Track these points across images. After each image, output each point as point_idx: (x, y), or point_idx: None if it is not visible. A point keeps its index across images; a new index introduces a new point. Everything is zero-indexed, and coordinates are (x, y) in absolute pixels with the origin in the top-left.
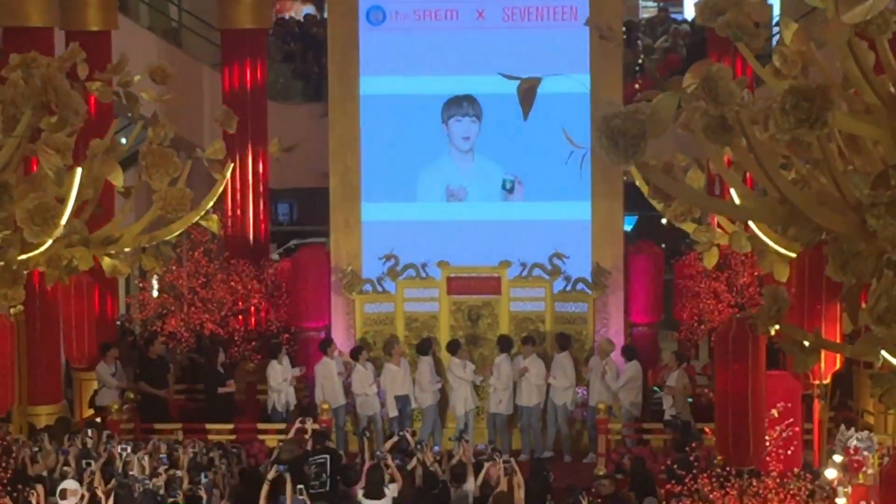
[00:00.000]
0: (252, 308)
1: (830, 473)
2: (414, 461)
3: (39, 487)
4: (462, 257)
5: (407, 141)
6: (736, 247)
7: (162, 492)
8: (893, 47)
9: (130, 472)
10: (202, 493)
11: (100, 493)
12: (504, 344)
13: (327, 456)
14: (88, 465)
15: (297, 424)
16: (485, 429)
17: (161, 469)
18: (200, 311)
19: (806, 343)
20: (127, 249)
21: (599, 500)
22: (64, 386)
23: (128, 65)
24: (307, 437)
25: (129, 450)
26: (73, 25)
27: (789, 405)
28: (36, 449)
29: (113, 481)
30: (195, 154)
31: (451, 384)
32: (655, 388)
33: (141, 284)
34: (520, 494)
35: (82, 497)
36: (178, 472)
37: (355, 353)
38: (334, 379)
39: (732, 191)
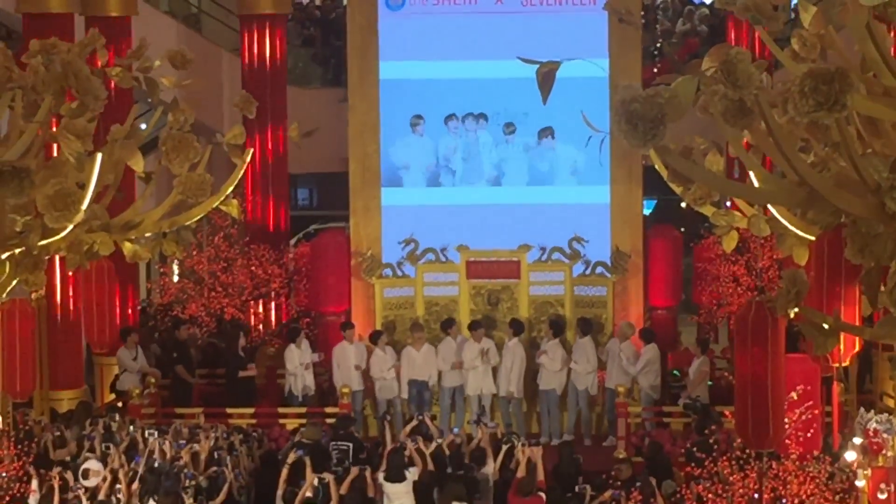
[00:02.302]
0: (272, 299)
1: (850, 456)
2: (433, 446)
3: (68, 474)
4: (482, 241)
5: (427, 125)
6: (755, 230)
7: (185, 472)
8: None
9: (154, 457)
10: (228, 473)
11: (121, 475)
12: (516, 328)
13: (350, 444)
14: (108, 448)
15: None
16: (508, 411)
17: (182, 452)
18: (221, 295)
19: (825, 326)
20: (147, 234)
21: (619, 484)
22: (85, 371)
23: (147, 50)
24: (329, 421)
25: (155, 434)
26: (92, 11)
27: (809, 388)
28: (58, 433)
29: (135, 464)
30: (215, 139)
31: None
32: (675, 372)
33: (161, 269)
34: (539, 475)
35: (104, 478)
36: (196, 446)
37: (374, 338)
38: (352, 363)
39: (751, 174)
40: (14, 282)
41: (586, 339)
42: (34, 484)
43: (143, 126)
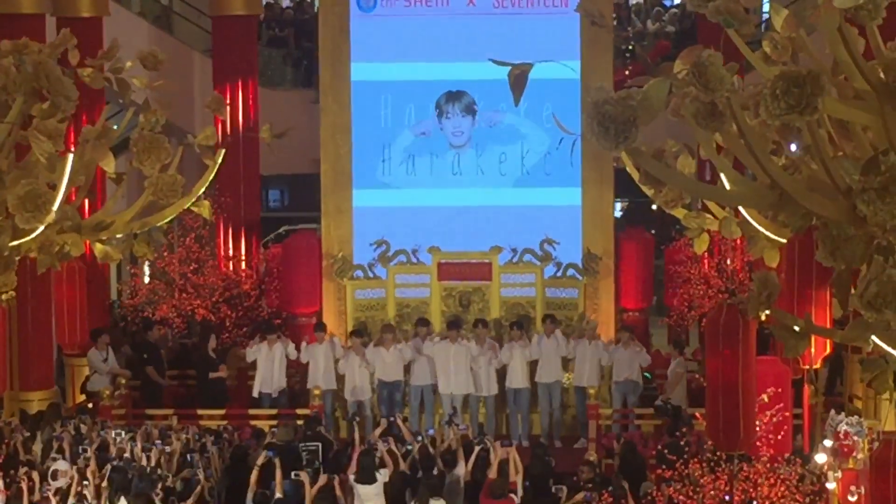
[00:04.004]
0: (243, 300)
1: (820, 458)
2: (406, 449)
3: (35, 474)
4: (453, 243)
5: (398, 127)
6: (726, 232)
7: (158, 473)
8: (883, 33)
9: (125, 455)
10: (200, 475)
11: (89, 474)
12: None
13: (319, 444)
14: (85, 450)
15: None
16: (478, 412)
17: (153, 453)
18: (192, 296)
19: (796, 328)
20: (119, 235)
21: (590, 486)
22: (56, 372)
23: (119, 51)
24: (299, 422)
25: (122, 434)
26: (64, 12)
27: (780, 390)
28: (27, 434)
29: (107, 466)
30: (186, 140)
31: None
32: (646, 374)
33: (132, 271)
34: (518, 479)
35: (72, 478)
36: (168, 448)
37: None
38: (320, 364)
39: (723, 176)
40: None
41: (553, 334)
42: (0, 484)
43: (115, 127)
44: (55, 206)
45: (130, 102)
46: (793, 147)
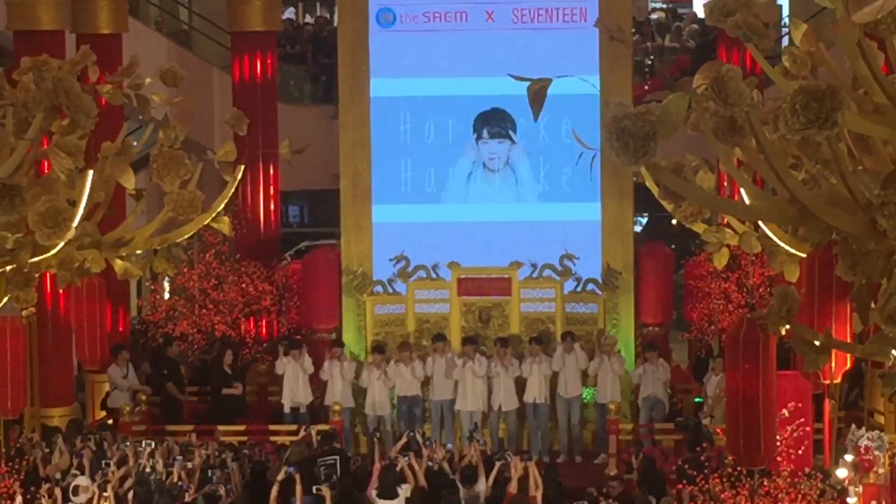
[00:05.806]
0: (263, 317)
1: (841, 473)
2: (423, 461)
3: (57, 490)
4: (473, 258)
5: (418, 142)
6: (746, 247)
7: (179, 488)
8: None
9: (147, 471)
10: (221, 490)
11: (110, 490)
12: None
13: (337, 457)
14: (108, 465)
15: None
16: (498, 427)
17: (175, 467)
18: (212, 312)
19: (816, 343)
20: (138, 252)
21: (611, 501)
22: (76, 388)
23: (138, 67)
24: (316, 438)
25: (152, 445)
26: (83, 28)
27: (800, 405)
28: (47, 450)
29: (129, 478)
30: (206, 156)
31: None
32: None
33: (152, 287)
34: (538, 494)
35: (93, 493)
36: (190, 464)
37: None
38: (336, 379)
39: (742, 191)
40: (5, 299)
41: (573, 350)
42: (18, 500)
43: (135, 143)
44: (75, 223)
45: (150, 119)
46: None
